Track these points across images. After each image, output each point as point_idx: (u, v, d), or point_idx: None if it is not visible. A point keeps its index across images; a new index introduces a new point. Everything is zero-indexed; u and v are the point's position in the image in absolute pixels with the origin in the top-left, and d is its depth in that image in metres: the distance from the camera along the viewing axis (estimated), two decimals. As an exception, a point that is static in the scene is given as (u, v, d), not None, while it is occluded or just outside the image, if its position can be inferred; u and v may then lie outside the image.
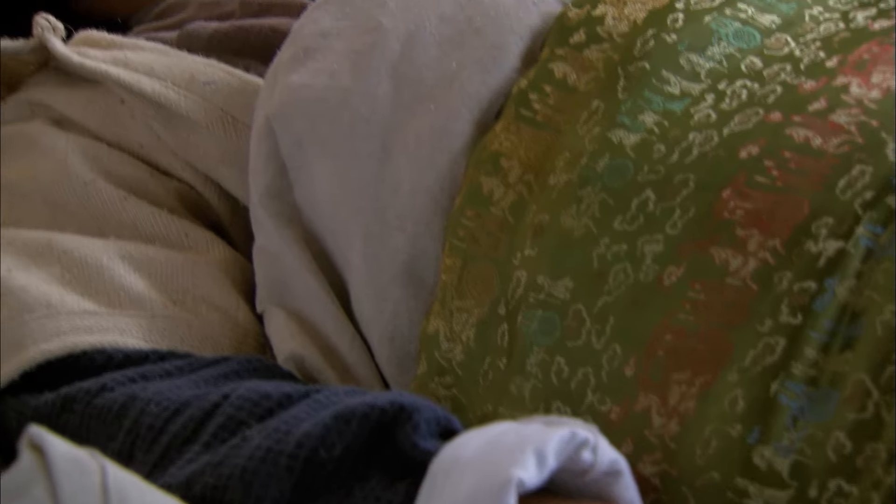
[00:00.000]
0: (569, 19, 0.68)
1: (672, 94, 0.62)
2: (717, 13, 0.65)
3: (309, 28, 0.73)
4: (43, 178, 0.77)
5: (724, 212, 0.56)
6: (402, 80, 0.69)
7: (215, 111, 0.78)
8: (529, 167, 0.64)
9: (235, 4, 0.90)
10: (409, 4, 0.71)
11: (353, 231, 0.69)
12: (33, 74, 0.85)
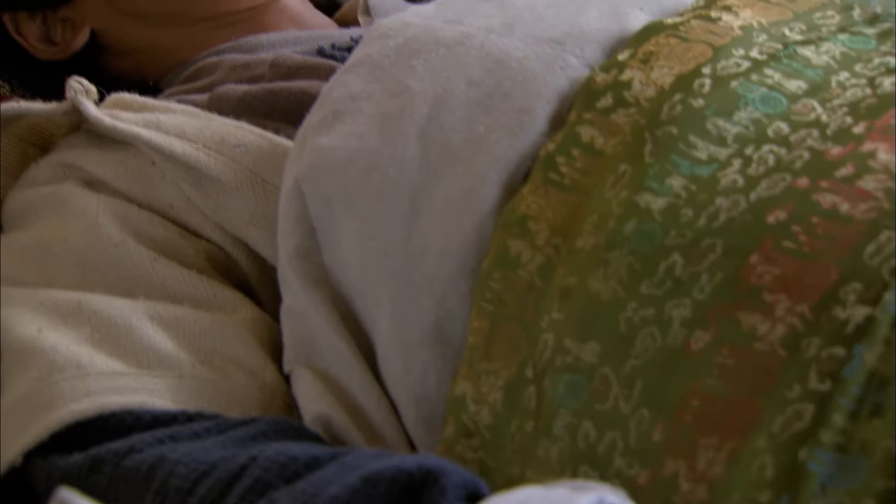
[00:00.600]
0: (596, 84, 0.68)
1: (699, 158, 0.62)
2: (743, 79, 0.65)
3: (338, 91, 0.74)
4: (74, 239, 0.78)
5: (752, 277, 0.56)
6: (430, 143, 0.69)
7: (245, 173, 0.79)
8: (557, 230, 0.65)
9: (265, 67, 0.91)
10: (437, 68, 0.72)
11: (381, 292, 0.69)
12: (66, 136, 0.86)
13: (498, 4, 0.76)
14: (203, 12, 0.98)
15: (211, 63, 0.95)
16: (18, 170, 0.85)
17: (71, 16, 1.00)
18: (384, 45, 0.75)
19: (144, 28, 0.99)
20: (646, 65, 0.68)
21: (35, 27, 1.00)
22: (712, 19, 0.70)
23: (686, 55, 0.67)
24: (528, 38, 0.72)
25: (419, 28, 0.75)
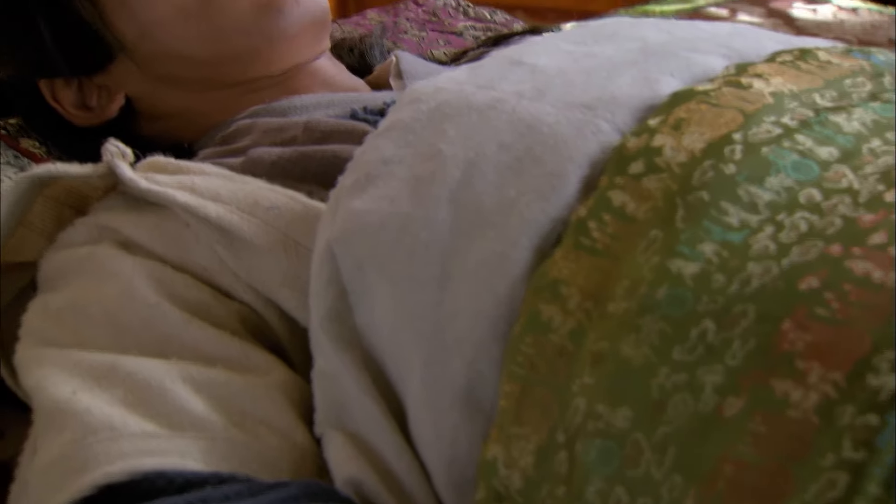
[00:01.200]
0: (627, 149, 0.68)
1: (731, 224, 0.63)
2: (775, 145, 0.65)
3: (371, 155, 0.75)
4: (109, 301, 0.79)
5: (785, 344, 0.56)
6: (462, 207, 0.69)
7: (278, 235, 0.79)
8: (588, 295, 0.65)
9: (298, 130, 0.92)
10: (469, 133, 0.72)
11: (413, 355, 0.69)
12: (101, 198, 0.87)
13: (529, 70, 0.77)
14: (236, 77, 1.00)
15: (245, 126, 0.96)
16: (54, 231, 0.86)
17: (106, 83, 1.01)
18: (416, 109, 0.76)
19: (178, 93, 1.01)
20: (677, 130, 0.68)
21: (71, 94, 1.02)
22: (743, 86, 0.70)
23: (717, 121, 0.68)
24: (560, 103, 0.73)
25: (451, 93, 0.76)
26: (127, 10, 0.98)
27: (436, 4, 1.37)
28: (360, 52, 1.15)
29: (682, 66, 0.75)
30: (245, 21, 0.97)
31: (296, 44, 1.00)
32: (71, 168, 0.83)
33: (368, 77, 1.10)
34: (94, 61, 1.00)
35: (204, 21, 0.97)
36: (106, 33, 0.98)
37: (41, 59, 1.00)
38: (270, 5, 0.97)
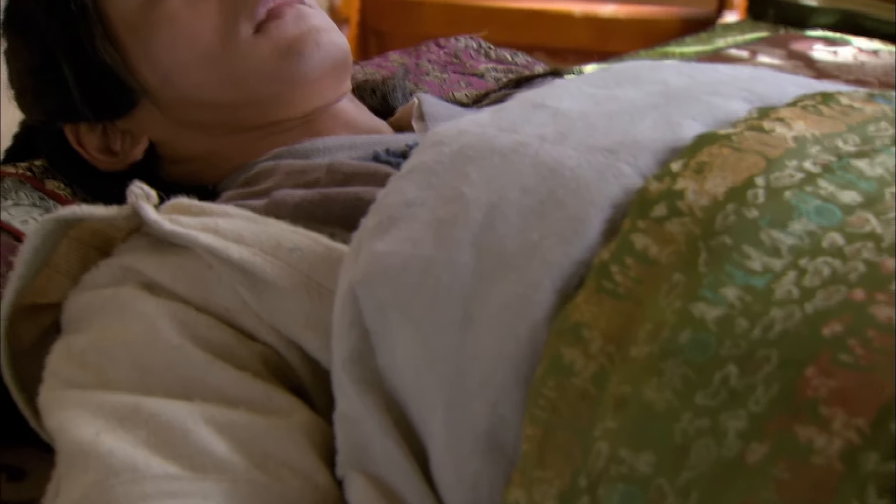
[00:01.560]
0: (650, 192, 0.69)
1: (754, 269, 0.63)
2: (797, 190, 0.65)
3: (393, 197, 0.75)
4: (132, 342, 0.79)
5: (809, 389, 0.56)
6: (484, 250, 0.70)
7: (300, 277, 0.79)
8: (611, 338, 0.65)
9: (321, 172, 0.92)
10: (491, 176, 0.73)
11: (435, 398, 0.69)
12: (125, 239, 0.87)
13: (552, 113, 0.77)
14: (258, 120, 1.00)
15: (268, 168, 0.96)
16: (79, 272, 0.87)
17: (129, 127, 1.02)
18: (439, 152, 0.76)
19: (201, 137, 1.02)
20: (699, 174, 0.68)
21: (95, 138, 1.03)
22: (765, 130, 0.71)
23: (739, 166, 0.68)
24: (582, 146, 0.73)
25: (474, 136, 0.76)
26: (150, 56, 0.99)
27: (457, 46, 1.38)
28: (383, 94, 1.16)
29: (703, 110, 0.75)
30: (266, 66, 0.98)
31: (317, 87, 1.00)
32: (96, 210, 0.83)
33: (391, 119, 1.11)
34: (117, 106, 1.01)
35: (225, 66, 0.98)
36: (129, 79, 0.99)
37: (66, 104, 1.01)
38: (291, 50, 0.98)
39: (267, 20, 0.98)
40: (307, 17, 1.00)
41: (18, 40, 1.03)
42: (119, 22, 0.99)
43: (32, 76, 1.02)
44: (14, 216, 1.02)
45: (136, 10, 0.99)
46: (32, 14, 1.00)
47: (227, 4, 0.98)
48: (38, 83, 1.02)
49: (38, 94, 1.03)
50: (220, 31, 0.98)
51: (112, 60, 0.99)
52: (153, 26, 0.98)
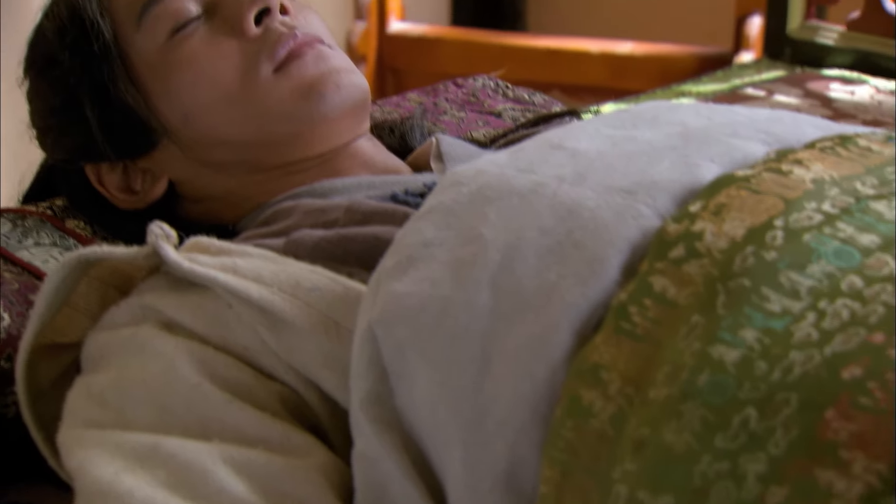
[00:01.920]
0: (668, 234, 0.69)
1: (772, 311, 0.63)
2: (816, 231, 0.66)
3: (412, 237, 0.75)
4: (152, 381, 0.79)
5: (828, 433, 0.56)
6: (502, 291, 0.70)
7: (319, 316, 0.80)
8: (629, 380, 0.65)
9: (340, 212, 0.92)
10: (509, 216, 0.73)
11: (453, 438, 0.69)
12: (145, 278, 0.88)
13: (570, 154, 0.78)
14: (277, 160, 1.01)
15: (286, 207, 0.97)
16: (98, 311, 0.87)
17: (150, 166, 1.03)
18: (457, 192, 0.76)
19: (220, 177, 1.02)
20: (717, 216, 0.68)
21: (116, 177, 1.03)
22: (783, 172, 0.71)
23: (758, 207, 0.68)
24: (600, 187, 0.73)
25: (492, 176, 0.76)
26: (171, 96, 0.99)
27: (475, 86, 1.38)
28: (401, 134, 1.16)
29: (722, 151, 0.76)
30: (286, 106, 0.98)
31: (337, 127, 1.01)
32: (116, 249, 0.84)
33: (409, 158, 1.11)
34: (138, 146, 1.02)
35: (246, 106, 0.98)
36: (150, 119, 1.00)
37: (87, 144, 1.01)
38: (312, 91, 0.98)
39: (287, 60, 0.99)
40: (328, 58, 1.00)
41: (41, 80, 1.04)
42: (140, 62, 1.00)
43: (54, 116, 1.03)
44: (35, 255, 1.02)
45: (158, 50, 0.99)
46: (55, 54, 1.01)
47: (247, 45, 0.99)
48: (60, 123, 1.03)
49: (59, 133, 1.04)
50: (240, 71, 0.98)
51: (134, 101, 0.99)
52: (174, 66, 0.99)
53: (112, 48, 0.99)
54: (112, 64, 0.99)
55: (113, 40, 0.99)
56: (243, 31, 0.99)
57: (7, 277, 0.96)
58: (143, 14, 1.00)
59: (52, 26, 1.02)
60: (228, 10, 1.00)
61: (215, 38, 0.99)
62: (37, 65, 1.04)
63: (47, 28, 1.02)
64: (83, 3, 0.99)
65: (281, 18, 1.00)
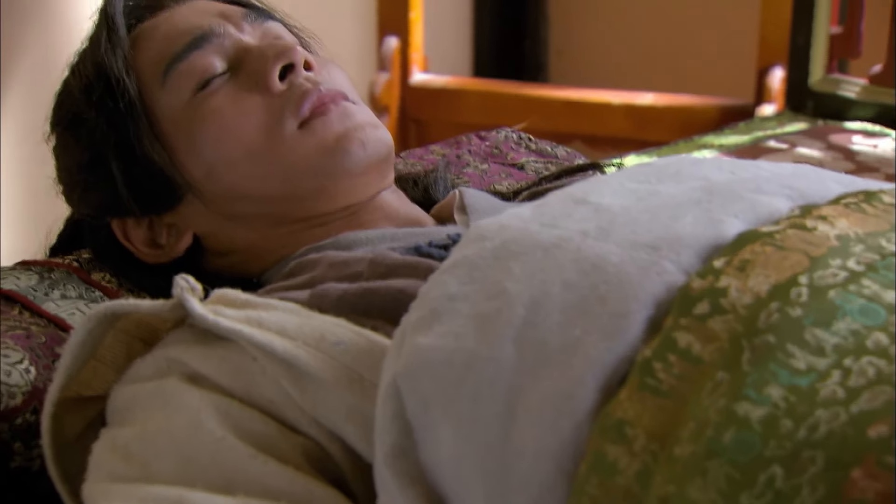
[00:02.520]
0: (692, 290, 0.69)
1: (798, 368, 0.63)
2: (841, 289, 0.66)
3: (436, 291, 0.75)
4: (176, 434, 0.80)
5: (855, 491, 0.56)
6: (527, 345, 0.70)
7: (343, 370, 0.80)
8: (654, 436, 0.65)
9: (364, 265, 0.93)
10: (534, 270, 0.73)
11: (477, 492, 0.69)
12: (170, 330, 0.88)
13: (594, 208, 0.78)
14: (302, 214, 1.01)
15: (311, 259, 0.97)
16: (124, 364, 0.87)
17: (175, 221, 1.04)
18: (482, 246, 0.77)
19: (245, 230, 1.03)
20: (742, 272, 0.68)
21: (142, 232, 1.04)
22: (808, 229, 0.71)
23: (783, 264, 0.68)
24: (624, 242, 0.73)
25: (516, 230, 0.77)
26: (195, 152, 1.00)
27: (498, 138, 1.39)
28: (425, 186, 1.17)
29: (746, 207, 0.76)
30: (311, 162, 0.99)
31: (361, 181, 1.01)
32: (142, 302, 0.84)
33: (432, 210, 1.11)
34: (163, 202, 1.02)
35: (270, 161, 0.99)
36: (175, 174, 1.01)
37: (113, 200, 1.02)
38: (336, 147, 0.99)
39: (312, 116, 0.99)
40: (352, 114, 1.01)
41: (67, 137, 1.05)
42: (165, 118, 1.01)
43: (81, 172, 1.04)
44: (61, 307, 1.03)
45: (183, 106, 1.00)
46: (81, 112, 1.02)
47: (272, 101, 1.00)
48: (86, 179, 1.04)
49: (86, 189, 1.04)
50: (265, 127, 0.99)
51: (159, 157, 1.00)
52: (199, 122, 1.00)
53: (137, 105, 1.00)
54: (137, 121, 1.00)
55: (138, 97, 1.00)
56: (268, 87, 1.00)
57: (34, 330, 0.97)
58: (167, 71, 1.01)
59: (79, 84, 1.02)
60: (253, 66, 1.01)
61: (240, 94, 1.00)
62: (63, 122, 1.05)
63: (73, 85, 1.03)
64: (109, 61, 1.00)
65: (305, 74, 1.01)
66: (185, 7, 1.05)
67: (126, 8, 1.03)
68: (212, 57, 1.01)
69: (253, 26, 1.05)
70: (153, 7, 1.05)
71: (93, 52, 1.02)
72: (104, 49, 1.01)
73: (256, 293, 0.92)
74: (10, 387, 0.91)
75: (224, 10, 1.05)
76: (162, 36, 1.02)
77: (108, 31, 1.01)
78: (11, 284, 1.04)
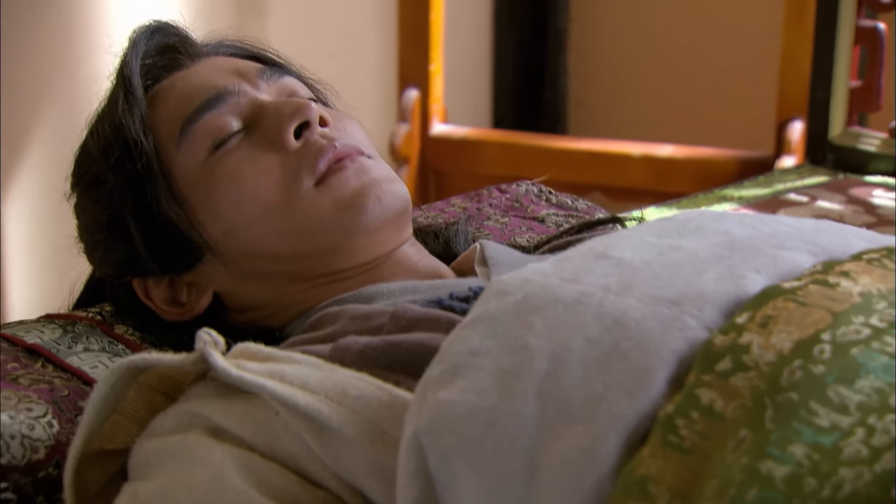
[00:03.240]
0: (715, 346, 0.69)
1: (821, 426, 0.62)
2: (864, 346, 0.66)
3: (458, 346, 0.75)
4: (199, 489, 0.80)
5: (879, 551, 0.55)
6: (549, 401, 0.70)
7: (365, 424, 0.80)
8: (677, 494, 0.64)
9: (385, 318, 0.93)
10: (555, 325, 0.73)
11: (499, 548, 0.69)
12: (192, 384, 0.89)
13: (615, 263, 0.78)
14: (320, 270, 1.02)
15: (332, 313, 0.97)
16: (146, 418, 0.88)
17: (195, 280, 1.04)
18: (503, 301, 0.77)
19: (264, 287, 1.03)
20: (764, 329, 0.68)
21: (162, 291, 1.04)
22: (830, 285, 0.71)
23: (805, 320, 0.68)
24: (646, 297, 0.74)
25: (538, 285, 0.77)
26: (213, 211, 1.01)
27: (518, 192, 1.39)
28: (445, 240, 1.17)
29: (767, 262, 0.76)
30: (327, 219, 0.99)
31: (379, 237, 1.02)
32: (165, 356, 0.85)
33: (453, 263, 1.12)
34: (182, 261, 1.03)
35: (287, 220, 0.99)
36: (193, 234, 1.01)
37: (133, 260, 1.02)
38: (353, 203, 0.99)
39: (328, 174, 1.00)
40: (368, 170, 1.01)
41: (87, 198, 1.05)
42: (183, 178, 1.01)
43: (100, 232, 1.04)
44: (84, 361, 1.03)
45: (199, 166, 1.01)
46: (100, 173, 1.03)
47: (288, 159, 1.00)
48: (105, 239, 1.04)
49: (106, 249, 1.05)
50: (281, 185, 0.99)
51: (177, 217, 1.00)
52: (216, 182, 1.00)
53: (155, 166, 1.00)
54: (155, 182, 1.00)
55: (156, 158, 1.01)
56: (283, 145, 1.00)
57: (57, 384, 0.97)
58: (184, 131, 1.01)
59: (97, 145, 1.03)
60: (268, 124, 1.01)
61: (256, 153, 1.00)
62: (83, 182, 1.05)
63: (92, 146, 1.04)
64: (127, 122, 1.01)
65: (321, 130, 1.01)
66: (200, 65, 1.06)
67: (143, 68, 1.04)
68: (227, 116, 1.02)
69: (269, 83, 1.06)
70: (169, 66, 1.06)
71: (111, 113, 1.03)
72: (122, 110, 1.01)
73: (278, 346, 0.92)
74: (32, 440, 0.91)
75: (240, 67, 1.06)
76: (178, 96, 1.03)
77: (125, 92, 1.02)
78: (35, 338, 1.05)
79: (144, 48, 1.04)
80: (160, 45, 1.06)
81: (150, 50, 1.05)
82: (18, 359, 1.01)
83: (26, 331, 1.06)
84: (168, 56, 1.06)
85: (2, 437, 0.89)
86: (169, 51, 1.06)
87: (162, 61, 1.06)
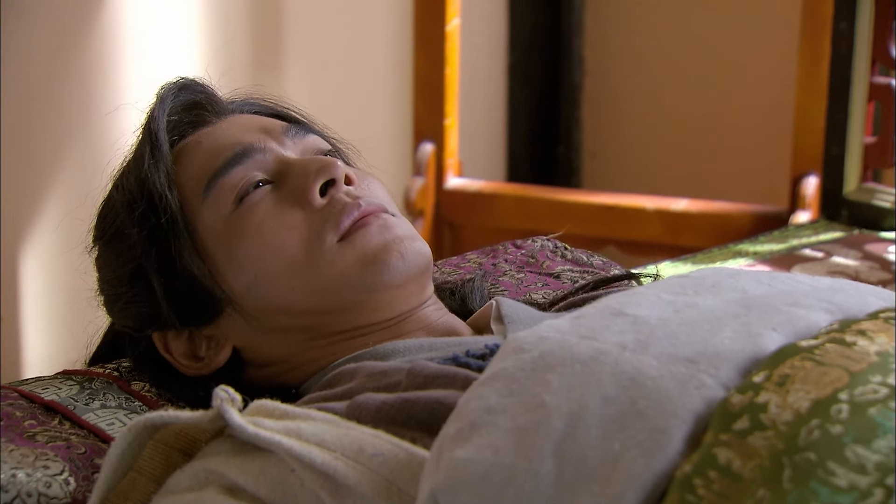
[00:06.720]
0: (732, 405, 0.69)
1: (839, 486, 0.62)
2: (881, 406, 0.66)
3: (474, 403, 0.76)
4: (214, 547, 0.80)
5: None
6: (566, 459, 0.70)
7: (382, 482, 0.80)
8: (695, 554, 0.64)
9: (402, 375, 0.93)
10: (572, 384, 0.73)
11: None
12: (209, 441, 0.89)
13: (631, 321, 0.78)
14: (341, 326, 1.02)
15: (349, 370, 0.97)
16: (162, 475, 0.88)
17: (214, 334, 1.04)
18: (520, 358, 0.77)
19: (284, 342, 1.03)
20: (781, 388, 0.68)
21: (181, 345, 1.05)
22: (847, 344, 0.71)
23: (822, 380, 0.68)
24: (663, 356, 0.74)
25: (554, 343, 0.77)
26: (235, 265, 1.01)
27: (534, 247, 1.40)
28: (461, 296, 1.17)
29: (784, 320, 0.76)
30: (350, 275, 1.00)
31: (401, 294, 1.02)
32: (182, 413, 0.85)
33: (469, 320, 1.12)
34: (203, 315, 1.03)
35: (310, 276, 1.00)
36: (215, 288, 1.01)
37: (154, 313, 1.03)
38: (376, 260, 1.00)
39: (352, 230, 1.00)
40: (391, 227, 1.02)
41: (109, 251, 1.06)
42: (206, 233, 1.02)
43: (122, 286, 1.05)
44: (101, 418, 1.03)
45: (223, 220, 1.01)
46: (123, 227, 1.03)
47: (313, 215, 1.01)
48: (127, 292, 1.04)
49: (126, 302, 1.05)
50: (305, 241, 1.00)
51: (199, 271, 1.01)
52: (240, 237, 1.01)
53: (179, 221, 1.01)
54: (179, 236, 1.01)
55: (180, 212, 1.01)
56: (309, 201, 1.01)
57: (74, 441, 0.98)
58: (209, 186, 1.02)
59: (122, 199, 1.04)
60: (295, 181, 1.02)
61: (281, 209, 1.01)
62: (106, 236, 1.06)
63: (117, 200, 1.05)
64: (152, 177, 1.02)
65: (346, 189, 1.02)
66: (226, 122, 1.07)
67: (169, 124, 1.05)
68: (253, 172, 1.02)
69: (294, 141, 1.07)
70: (196, 123, 1.07)
71: (136, 167, 1.04)
72: (147, 165, 1.02)
73: (294, 403, 0.92)
74: (49, 498, 0.91)
75: (265, 125, 1.07)
76: (204, 152, 1.04)
77: (151, 147, 1.03)
78: (52, 394, 1.05)
79: (171, 104, 1.05)
80: (187, 102, 1.07)
81: (176, 106, 1.06)
82: (36, 416, 1.01)
83: (44, 387, 1.06)
84: (194, 113, 1.07)
85: (19, 496, 0.90)
86: (195, 108, 1.07)
87: (188, 118, 1.07)
